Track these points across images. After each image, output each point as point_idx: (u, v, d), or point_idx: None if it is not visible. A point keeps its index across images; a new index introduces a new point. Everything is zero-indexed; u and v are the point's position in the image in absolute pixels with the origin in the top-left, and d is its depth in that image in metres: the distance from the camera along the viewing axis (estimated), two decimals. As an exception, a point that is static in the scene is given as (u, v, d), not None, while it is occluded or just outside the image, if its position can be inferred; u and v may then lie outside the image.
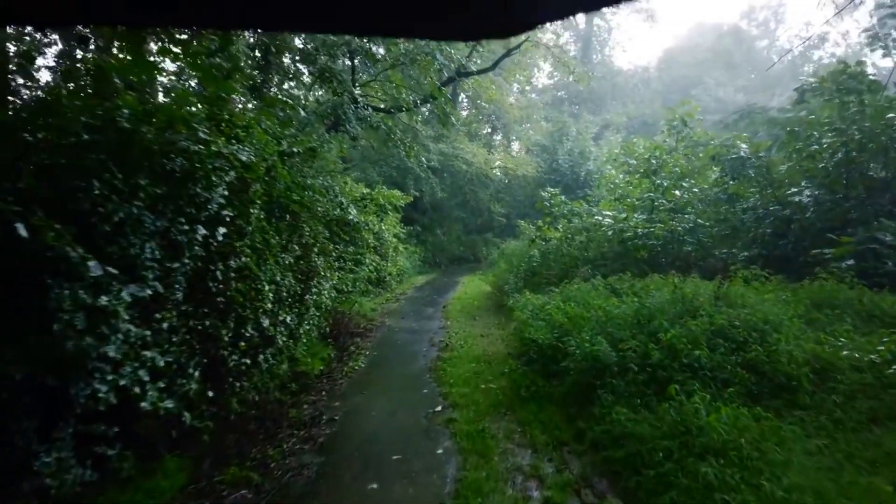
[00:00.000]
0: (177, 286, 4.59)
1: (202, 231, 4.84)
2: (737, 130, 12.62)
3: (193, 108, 4.98)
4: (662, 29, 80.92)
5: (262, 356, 5.93)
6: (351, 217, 12.11)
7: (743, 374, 4.10)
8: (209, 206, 4.83)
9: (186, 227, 4.71)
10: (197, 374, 4.66)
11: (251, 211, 5.61)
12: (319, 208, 9.06)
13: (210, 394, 4.80)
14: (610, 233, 9.24)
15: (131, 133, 4.46)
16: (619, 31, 69.22)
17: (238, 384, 5.45)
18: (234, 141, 5.31)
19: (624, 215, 9.49)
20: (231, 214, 5.31)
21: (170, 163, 4.58)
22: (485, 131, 31.41)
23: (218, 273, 5.14)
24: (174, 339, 4.48)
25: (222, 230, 5.13)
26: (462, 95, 29.41)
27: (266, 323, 6.11)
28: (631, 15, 40.60)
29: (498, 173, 27.87)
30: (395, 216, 16.41)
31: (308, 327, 7.95)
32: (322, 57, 10.01)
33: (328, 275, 9.50)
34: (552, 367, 5.50)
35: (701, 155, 11.49)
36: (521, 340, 7.49)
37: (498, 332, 9.30)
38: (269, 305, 6.10)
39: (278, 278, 6.92)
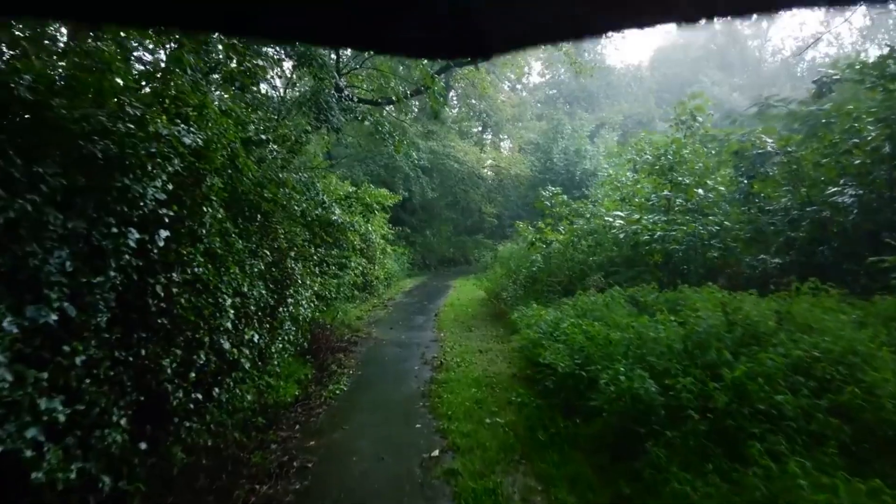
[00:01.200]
0: (99, 307, 3.50)
1: (136, 235, 3.78)
2: (752, 125, 11.79)
3: (122, 80, 3.90)
4: (654, 28, 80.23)
5: (219, 387, 4.86)
6: (335, 217, 11.07)
7: (837, 425, 3.14)
8: (144, 203, 3.76)
9: (115, 230, 3.64)
10: (124, 420, 3.59)
11: (205, 209, 4.55)
12: (297, 207, 8.00)
13: (143, 445, 3.72)
14: (622, 235, 8.30)
15: (35, 107, 3.39)
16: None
17: (186, 426, 4.37)
18: (178, 121, 4.24)
19: (637, 216, 8.55)
20: (177, 214, 4.25)
21: (90, 146, 3.50)
22: (475, 129, 30.45)
23: (159, 288, 4.07)
24: (92, 378, 3.41)
25: (164, 233, 4.06)
26: (452, 92, 28.43)
27: (227, 345, 5.06)
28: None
29: (489, 173, 26.92)
30: (382, 217, 15.36)
31: (282, 345, 6.89)
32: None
33: (307, 282, 8.44)
34: (575, 401, 4.51)
35: (713, 151, 10.66)
36: (530, 361, 6.51)
37: (498, 348, 8.30)
38: (230, 324, 5.03)
39: (245, 289, 5.88)
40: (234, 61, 6.03)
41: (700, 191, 7.83)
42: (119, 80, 3.92)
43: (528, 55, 27.53)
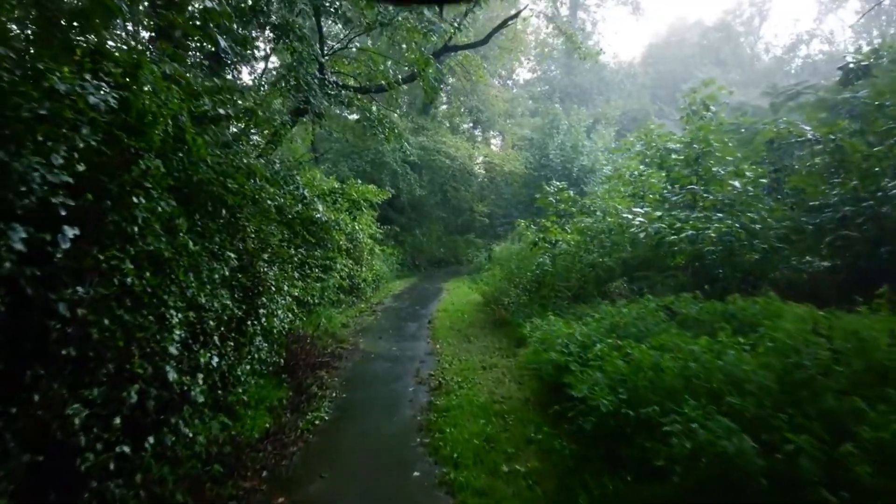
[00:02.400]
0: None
1: (21, 233, 2.69)
2: (761, 115, 10.94)
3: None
4: (647, 24, 79.73)
5: (159, 432, 3.75)
6: (318, 215, 9.97)
7: None
8: (31, 189, 2.66)
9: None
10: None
11: (134, 200, 3.43)
12: (271, 202, 6.88)
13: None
14: (641, 235, 7.29)
15: None
16: (605, 23, 68.24)
17: (109, 489, 3.26)
18: (89, 77, 3.11)
19: (658, 213, 7.55)
20: (93, 205, 3.14)
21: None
22: (466, 125, 29.32)
23: (63, 306, 2.96)
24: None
25: (72, 231, 2.96)
26: (443, 86, 27.30)
27: (172, 374, 3.94)
28: (616, 7, 39.15)
29: (481, 170, 25.86)
30: (370, 214, 14.24)
31: (250, 366, 5.77)
32: (276, 14, 7.82)
33: (285, 288, 7.32)
34: (623, 450, 3.46)
35: (731, 143, 9.74)
36: (546, 383, 5.46)
37: (504, 363, 7.24)
38: (175, 348, 3.92)
39: (202, 300, 4.77)
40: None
41: (736, 183, 6.85)
42: None
43: (519, 49, 26.50)
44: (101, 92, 2.98)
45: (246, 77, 11.35)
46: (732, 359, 3.45)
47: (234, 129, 6.54)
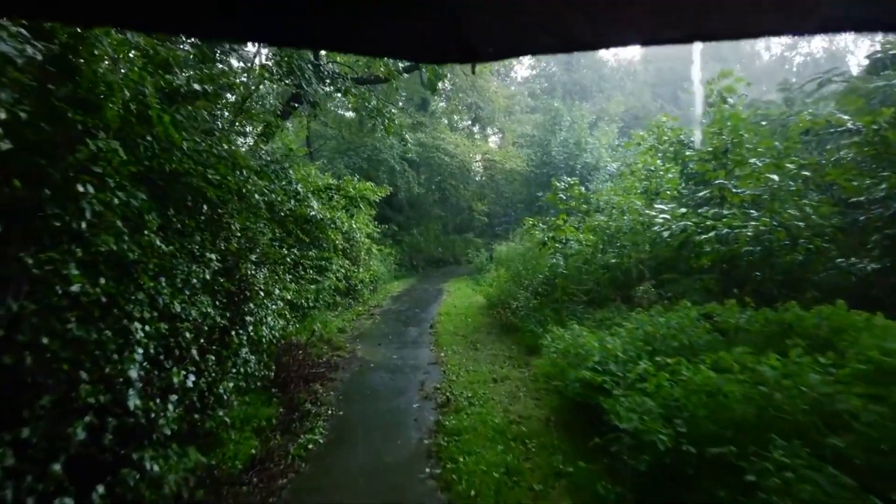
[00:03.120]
0: None
1: None
2: (804, 104, 10.33)
3: None
4: (642, 46, 78.55)
5: (115, 476, 3.08)
6: (313, 212, 9.30)
7: None
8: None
9: None
10: None
11: (80, 189, 2.75)
12: (259, 196, 6.21)
13: None
14: (665, 234, 6.65)
15: None
16: None
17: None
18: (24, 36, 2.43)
19: (682, 210, 6.91)
20: (23, 195, 2.49)
21: None
22: (465, 123, 28.62)
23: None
24: None
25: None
26: (440, 84, 26.62)
27: (134, 401, 3.28)
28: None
29: (480, 168, 25.19)
30: (368, 212, 13.57)
31: (235, 382, 5.11)
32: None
33: (276, 291, 6.67)
34: (685, 495, 2.82)
35: (752, 138, 9.13)
36: (569, 401, 4.82)
37: (517, 375, 6.60)
38: (135, 371, 3.26)
39: (177, 309, 4.12)
40: None
41: (775, 177, 6.18)
42: None
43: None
44: (28, 48, 2.31)
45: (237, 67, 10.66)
46: (818, 383, 2.81)
47: (222, 117, 5.90)
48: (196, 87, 4.01)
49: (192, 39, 5.62)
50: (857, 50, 38.77)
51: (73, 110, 2.78)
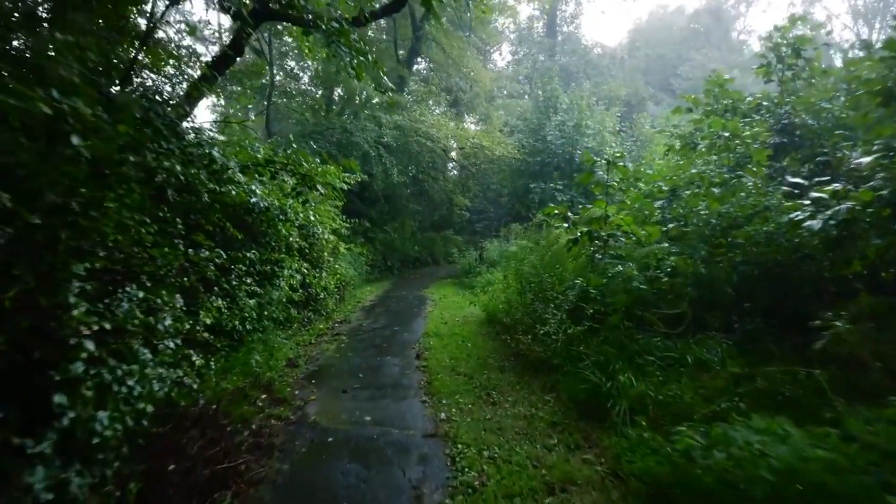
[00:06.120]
0: None
1: None
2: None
3: None
4: (634, 5, 75.86)
5: None
6: (254, 199, 6.46)
7: None
8: None
9: None
10: None
11: None
12: (134, 159, 3.34)
13: None
14: (816, 224, 4.08)
15: None
16: (590, 3, 65.36)
17: None
18: None
19: (839, 186, 4.38)
20: None
21: None
22: (442, 108, 25.81)
23: None
24: None
25: None
26: (419, 59, 23.79)
27: None
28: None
29: (464, 155, 22.44)
30: (332, 201, 10.68)
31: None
32: None
33: (161, 326, 3.82)
34: None
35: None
36: None
37: (585, 470, 3.89)
38: None
39: None
40: None
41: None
42: None
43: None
44: None
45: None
46: None
47: None
48: None
49: None
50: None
51: None
